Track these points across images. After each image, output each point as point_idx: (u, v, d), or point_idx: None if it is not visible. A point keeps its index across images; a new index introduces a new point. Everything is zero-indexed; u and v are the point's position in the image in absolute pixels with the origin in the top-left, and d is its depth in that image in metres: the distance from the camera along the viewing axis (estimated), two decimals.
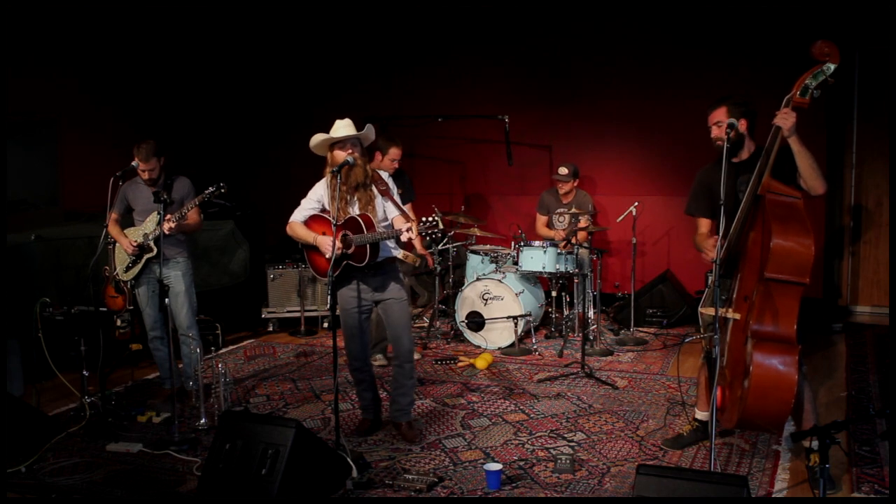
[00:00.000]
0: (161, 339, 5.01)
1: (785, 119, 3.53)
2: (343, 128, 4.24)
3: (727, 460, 4.04)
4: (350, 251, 4.09)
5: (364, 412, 4.59)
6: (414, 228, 3.92)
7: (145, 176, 4.88)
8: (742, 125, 3.78)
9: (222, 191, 4.71)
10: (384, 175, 4.35)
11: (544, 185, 7.46)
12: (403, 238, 3.99)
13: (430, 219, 3.93)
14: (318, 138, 4.24)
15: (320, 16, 8.34)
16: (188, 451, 4.26)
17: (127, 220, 5.10)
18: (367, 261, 4.13)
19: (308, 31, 8.45)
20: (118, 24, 7.50)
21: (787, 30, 6.65)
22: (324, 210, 4.31)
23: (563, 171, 6.78)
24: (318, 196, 4.34)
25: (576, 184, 6.86)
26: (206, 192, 4.72)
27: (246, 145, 8.87)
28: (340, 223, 4.05)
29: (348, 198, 4.23)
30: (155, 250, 4.81)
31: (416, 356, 5.95)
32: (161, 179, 4.94)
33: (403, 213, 4.27)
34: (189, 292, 5.03)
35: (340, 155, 4.18)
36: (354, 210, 4.23)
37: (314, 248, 4.29)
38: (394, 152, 5.76)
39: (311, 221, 4.35)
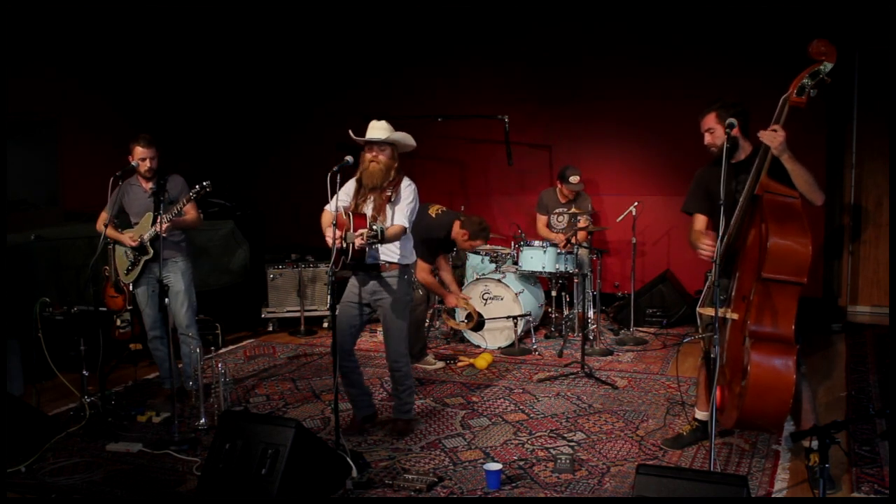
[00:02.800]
0: (161, 338, 5.00)
1: (773, 137, 3.52)
2: (376, 129, 4.27)
3: (727, 460, 4.04)
4: (344, 245, 4.09)
5: (354, 410, 4.59)
6: (365, 235, 3.95)
7: (146, 165, 4.83)
8: (734, 129, 3.77)
9: (207, 190, 4.69)
10: (404, 183, 4.31)
11: (544, 185, 7.46)
12: (355, 244, 4.03)
13: (374, 227, 3.94)
14: (355, 139, 4.33)
15: (320, 15, 8.34)
16: (188, 451, 4.26)
17: (123, 223, 5.07)
18: (350, 258, 4.14)
19: (308, 30, 8.45)
20: (118, 24, 7.50)
21: (787, 30, 6.65)
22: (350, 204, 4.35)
23: (576, 178, 6.73)
24: (347, 190, 4.36)
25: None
26: (192, 191, 4.71)
27: (246, 145, 8.87)
28: (345, 218, 4.09)
29: (367, 198, 4.28)
30: (151, 252, 4.81)
31: (440, 364, 5.94)
32: (156, 176, 4.92)
33: (398, 224, 4.25)
34: (188, 291, 5.02)
35: (366, 156, 4.24)
36: (368, 210, 4.26)
37: None
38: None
39: (339, 213, 4.35)
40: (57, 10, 6.88)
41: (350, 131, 4.32)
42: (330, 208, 4.38)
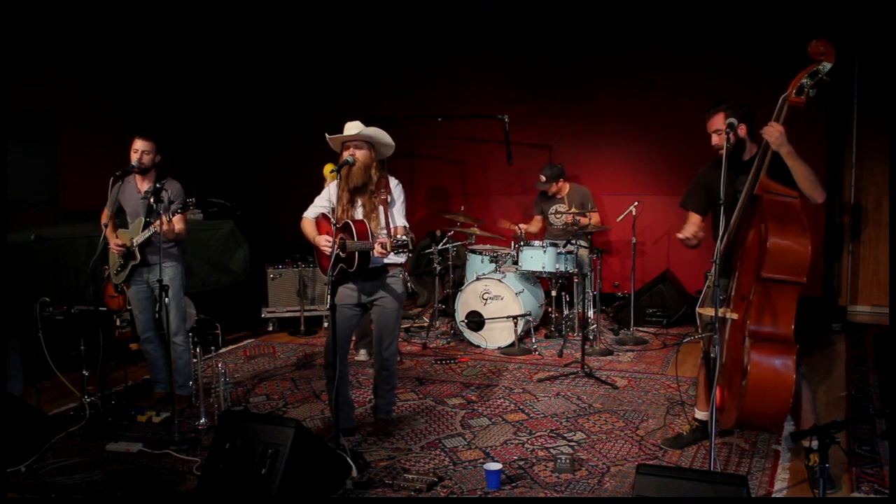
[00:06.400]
0: (152, 342, 5.00)
1: (770, 131, 3.54)
2: (352, 128, 4.26)
3: (727, 460, 4.04)
4: (343, 255, 4.09)
5: (335, 420, 4.35)
6: (387, 245, 3.92)
7: (137, 157, 4.75)
8: (742, 130, 3.78)
9: (190, 207, 4.66)
10: (393, 182, 4.34)
11: None
12: (374, 253, 4.02)
13: (401, 238, 3.90)
14: (329, 138, 4.29)
15: (321, 17, 8.34)
16: (188, 451, 4.26)
17: (122, 222, 5.06)
18: (356, 267, 4.12)
19: (309, 31, 8.45)
20: (118, 24, 7.50)
21: (787, 29, 6.65)
22: (333, 210, 4.31)
23: (542, 178, 6.83)
24: (328, 195, 4.36)
25: (560, 184, 6.85)
26: (178, 205, 4.65)
27: (246, 146, 8.88)
28: (339, 225, 4.06)
29: (353, 201, 4.24)
30: (139, 258, 4.79)
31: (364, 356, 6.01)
32: (153, 174, 4.88)
33: (395, 226, 4.24)
34: (177, 297, 4.90)
35: (343, 156, 4.21)
36: (358, 214, 4.23)
37: (318, 247, 4.32)
38: None
39: (321, 220, 4.38)
40: (57, 10, 6.88)
41: (326, 134, 4.30)
42: (309, 215, 4.39)
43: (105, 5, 7.21)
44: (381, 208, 4.23)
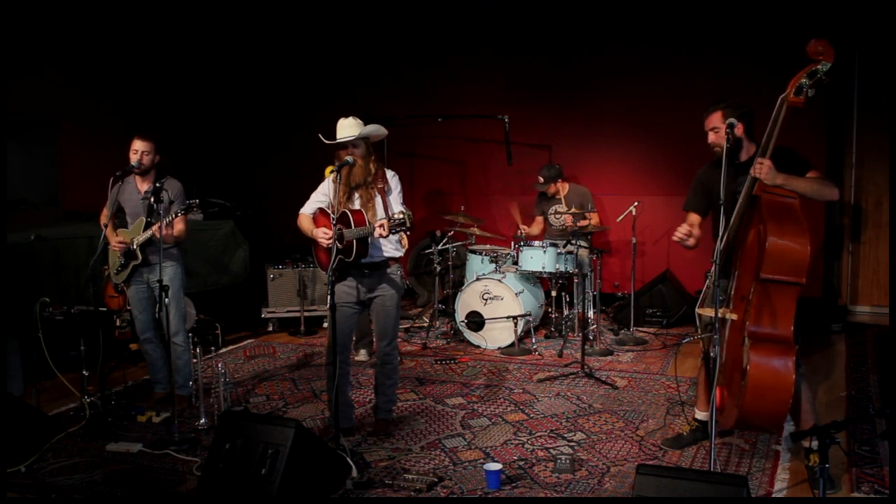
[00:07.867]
0: (152, 342, 5.00)
1: (761, 171, 3.54)
2: (346, 127, 4.25)
3: (727, 460, 4.04)
4: (341, 245, 4.09)
5: (333, 420, 4.26)
6: (385, 225, 3.92)
7: (137, 157, 4.74)
8: (739, 129, 3.78)
9: (194, 209, 4.65)
10: (389, 174, 4.35)
11: None
12: (375, 234, 4.01)
13: (397, 217, 3.88)
14: (326, 142, 4.30)
15: (321, 17, 8.34)
16: (188, 451, 4.26)
17: (122, 221, 5.06)
18: (353, 257, 4.12)
19: (309, 32, 8.45)
20: (118, 25, 7.51)
21: (787, 29, 6.65)
22: (330, 205, 4.32)
23: (540, 179, 6.84)
24: (325, 190, 4.37)
25: (559, 184, 6.84)
26: (182, 207, 4.64)
27: (246, 146, 8.88)
28: (336, 217, 4.07)
29: (350, 195, 4.26)
30: (140, 258, 4.79)
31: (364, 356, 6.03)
32: (152, 174, 4.87)
33: (392, 212, 4.25)
34: (177, 297, 4.89)
35: (343, 155, 4.22)
36: (355, 205, 4.25)
37: (316, 241, 4.32)
38: None
39: (318, 215, 4.38)
40: (57, 10, 6.88)
41: (320, 135, 4.30)
42: (306, 211, 4.40)
43: (105, 5, 7.21)
44: (378, 198, 4.24)
